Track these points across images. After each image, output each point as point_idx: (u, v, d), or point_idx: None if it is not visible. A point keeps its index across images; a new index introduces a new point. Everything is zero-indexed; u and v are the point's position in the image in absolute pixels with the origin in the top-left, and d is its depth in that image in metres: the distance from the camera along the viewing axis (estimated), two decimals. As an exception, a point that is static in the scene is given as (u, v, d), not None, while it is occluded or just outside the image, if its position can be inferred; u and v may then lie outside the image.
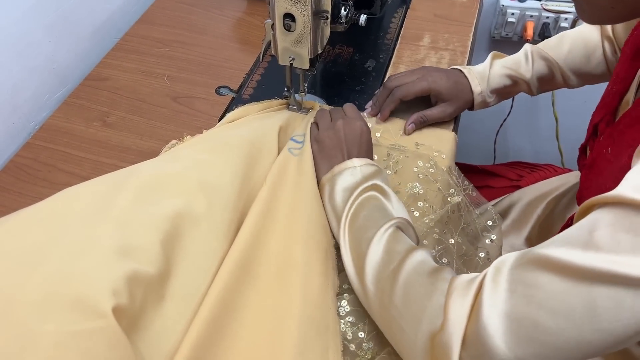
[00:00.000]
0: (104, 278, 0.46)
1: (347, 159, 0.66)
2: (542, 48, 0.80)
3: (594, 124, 0.64)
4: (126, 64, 0.93)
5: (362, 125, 0.70)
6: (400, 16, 1.00)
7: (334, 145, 0.68)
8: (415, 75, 0.78)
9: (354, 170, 0.65)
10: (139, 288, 0.49)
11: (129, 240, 0.51)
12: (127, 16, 1.03)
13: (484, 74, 0.79)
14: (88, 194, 0.56)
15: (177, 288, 0.53)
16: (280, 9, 0.66)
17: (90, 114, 0.85)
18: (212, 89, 0.88)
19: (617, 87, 0.61)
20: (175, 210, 0.55)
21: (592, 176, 0.58)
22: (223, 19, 1.02)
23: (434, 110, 0.78)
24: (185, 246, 0.55)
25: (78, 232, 0.51)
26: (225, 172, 0.63)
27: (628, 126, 0.53)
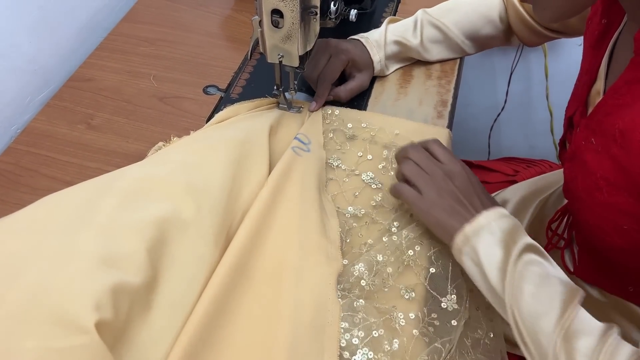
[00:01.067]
0: (87, 291, 0.44)
1: (475, 213, 0.58)
2: (434, 14, 0.82)
3: (568, 116, 0.64)
4: (111, 64, 0.90)
5: (463, 169, 0.62)
6: (391, 11, 0.98)
7: (450, 200, 0.60)
8: (327, 53, 0.76)
9: (490, 228, 0.57)
10: (124, 299, 0.47)
11: (113, 248, 0.48)
12: (111, 14, 1.00)
13: (380, 42, 0.80)
14: (71, 200, 0.54)
15: (164, 297, 0.51)
16: (268, 5, 0.64)
17: (74, 116, 0.82)
18: (200, 89, 0.86)
19: (584, 78, 0.61)
20: (161, 216, 0.53)
21: (576, 167, 0.58)
22: (210, 16, 1.00)
23: (352, 84, 0.78)
24: (172, 253, 0.53)
25: (60, 240, 0.49)
26: (214, 175, 0.61)
27: (606, 115, 0.53)
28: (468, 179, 0.61)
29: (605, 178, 0.52)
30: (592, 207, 0.55)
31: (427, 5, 0.85)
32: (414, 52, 0.83)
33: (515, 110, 1.51)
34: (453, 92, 0.82)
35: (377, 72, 0.82)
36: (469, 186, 0.61)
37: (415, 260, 0.62)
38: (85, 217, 0.51)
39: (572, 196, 0.60)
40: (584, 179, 0.56)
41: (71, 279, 0.45)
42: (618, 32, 0.59)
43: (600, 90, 0.58)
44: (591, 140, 0.55)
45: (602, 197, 0.53)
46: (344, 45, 0.77)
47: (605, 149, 0.52)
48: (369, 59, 0.80)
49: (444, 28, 0.82)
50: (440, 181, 0.61)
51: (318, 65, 0.76)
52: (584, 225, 0.59)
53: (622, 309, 0.68)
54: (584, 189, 0.56)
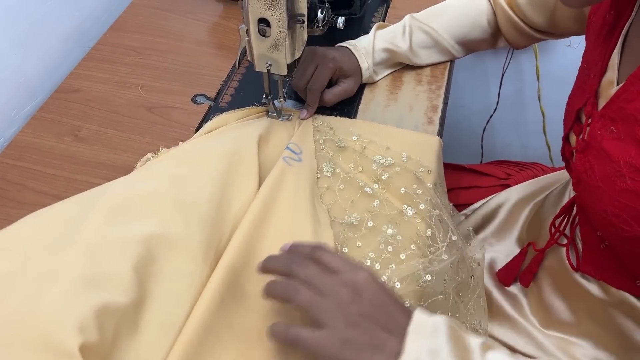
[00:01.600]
0: (70, 313, 0.43)
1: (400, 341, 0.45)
2: (422, 18, 0.82)
3: (576, 110, 0.64)
4: (98, 75, 0.89)
5: (369, 275, 0.48)
6: (380, 15, 0.98)
7: (364, 329, 0.45)
8: (314, 62, 0.76)
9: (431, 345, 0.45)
10: (110, 320, 0.46)
11: (99, 268, 0.47)
12: (98, 24, 0.99)
13: (368, 49, 0.80)
14: (56, 217, 0.53)
15: (152, 316, 0.50)
16: (254, 13, 0.63)
17: (61, 128, 0.81)
18: (189, 98, 0.85)
19: (594, 70, 0.61)
20: (148, 232, 0.52)
21: (591, 158, 0.58)
22: (198, 24, 0.99)
23: (338, 89, 0.78)
24: (160, 270, 0.52)
25: (44, 261, 0.48)
26: (202, 188, 0.60)
27: (628, 101, 0.53)
28: (378, 287, 0.48)
29: (629, 164, 0.52)
30: (611, 196, 0.55)
31: (417, 9, 0.84)
32: (403, 57, 0.82)
33: (507, 111, 1.51)
34: (443, 97, 0.82)
35: (365, 79, 0.81)
36: (383, 297, 0.47)
37: None
38: (71, 236, 0.50)
39: (586, 187, 0.60)
40: (602, 168, 0.56)
41: (55, 301, 0.44)
42: (629, 23, 0.59)
43: (614, 80, 0.58)
44: (610, 128, 0.56)
45: (624, 184, 0.53)
46: (331, 54, 0.77)
47: (629, 134, 0.53)
48: (357, 66, 0.79)
49: (432, 33, 0.81)
50: (346, 303, 0.46)
51: (305, 74, 0.75)
52: (599, 216, 0.59)
53: (626, 309, 0.67)
54: (603, 177, 0.56)
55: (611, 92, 0.58)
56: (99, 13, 1.00)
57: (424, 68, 0.86)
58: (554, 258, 0.76)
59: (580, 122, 0.64)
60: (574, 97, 0.67)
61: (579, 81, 0.67)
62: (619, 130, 0.55)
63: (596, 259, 0.67)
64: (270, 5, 0.62)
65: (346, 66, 0.78)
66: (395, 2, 1.01)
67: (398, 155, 0.72)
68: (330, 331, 0.45)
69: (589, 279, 0.70)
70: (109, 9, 1.02)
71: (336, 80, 0.79)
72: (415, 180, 0.70)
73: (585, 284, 0.70)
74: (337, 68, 0.77)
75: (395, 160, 0.72)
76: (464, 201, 0.98)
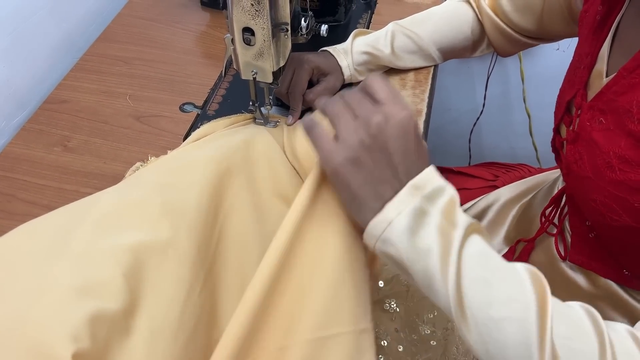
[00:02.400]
0: (63, 322, 0.44)
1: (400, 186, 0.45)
2: (406, 24, 0.84)
3: (566, 101, 0.66)
4: (86, 85, 0.90)
5: (407, 114, 0.46)
6: (365, 22, 0.99)
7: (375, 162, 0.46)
8: (292, 67, 0.78)
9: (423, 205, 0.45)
10: (102, 327, 0.46)
11: (89, 276, 0.48)
12: (86, 35, 1.00)
13: (346, 49, 0.82)
14: (46, 228, 0.54)
15: (143, 322, 0.50)
16: (239, 23, 0.64)
17: (50, 139, 0.82)
18: (176, 106, 0.86)
19: (585, 61, 0.63)
20: (137, 240, 0.53)
21: (581, 148, 0.60)
22: (185, 33, 1.00)
23: (318, 87, 0.79)
24: (150, 276, 0.53)
25: (34, 271, 0.48)
26: (190, 195, 0.60)
27: (619, 94, 0.54)
28: (410, 130, 0.46)
29: (618, 155, 0.53)
30: (600, 186, 0.56)
31: (401, 16, 0.86)
32: (386, 60, 0.84)
33: (494, 113, 1.53)
34: (427, 101, 0.83)
35: (347, 77, 0.82)
36: (409, 140, 0.46)
37: None
38: (60, 246, 0.50)
39: (576, 177, 0.61)
40: (591, 159, 0.57)
41: (47, 310, 0.44)
42: (620, 15, 0.61)
43: (603, 72, 0.60)
44: (600, 119, 0.57)
45: (613, 175, 0.54)
46: (306, 56, 0.78)
47: (619, 126, 0.54)
48: (336, 64, 0.81)
49: (415, 38, 0.83)
50: (371, 129, 0.45)
51: (285, 80, 0.77)
52: (588, 206, 0.60)
53: (614, 301, 0.68)
54: (592, 168, 0.57)
55: (601, 84, 0.59)
56: (86, 24, 1.01)
57: (407, 73, 0.87)
58: (542, 252, 0.78)
59: (570, 114, 0.65)
60: (564, 89, 0.68)
61: (570, 74, 0.68)
62: (608, 122, 0.56)
63: (585, 249, 0.69)
64: (254, 15, 0.63)
65: (324, 65, 0.79)
66: (380, 9, 1.02)
67: None
68: (341, 145, 0.45)
69: (577, 272, 0.72)
70: (97, 20, 1.03)
71: (317, 81, 0.81)
72: None
73: (573, 277, 0.72)
74: (314, 68, 0.78)
75: None
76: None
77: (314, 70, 0.79)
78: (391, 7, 1.03)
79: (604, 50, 0.61)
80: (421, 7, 1.00)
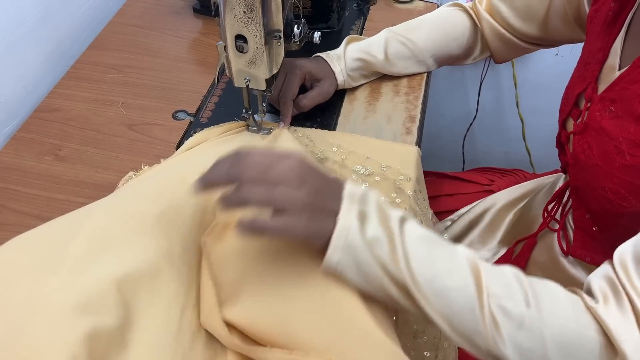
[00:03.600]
0: (61, 342, 0.43)
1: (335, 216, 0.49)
2: (399, 31, 0.84)
3: (576, 94, 0.67)
4: (78, 93, 0.89)
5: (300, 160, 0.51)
6: (358, 28, 0.99)
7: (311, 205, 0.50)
8: (284, 73, 0.78)
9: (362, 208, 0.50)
10: (100, 344, 0.45)
11: (84, 292, 0.47)
12: (77, 43, 1.00)
13: (339, 55, 0.82)
14: (38, 242, 0.52)
15: (139, 335, 0.49)
16: (231, 30, 0.64)
17: (42, 148, 0.81)
18: (169, 114, 0.85)
19: (596, 57, 0.65)
20: (131, 254, 0.52)
21: (589, 138, 0.62)
22: (177, 40, 1.00)
23: (312, 92, 0.79)
24: (145, 290, 0.52)
25: (27, 287, 0.47)
26: (184, 206, 0.60)
27: (631, 83, 0.57)
28: (312, 167, 0.51)
29: (629, 140, 0.56)
30: (609, 173, 0.58)
31: (394, 22, 0.86)
32: (379, 67, 0.84)
33: (487, 118, 1.53)
34: (421, 108, 0.83)
35: (340, 83, 0.82)
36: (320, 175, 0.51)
37: None
38: (54, 261, 0.49)
39: (584, 167, 0.63)
40: (600, 146, 0.59)
41: (42, 329, 0.43)
42: (633, 11, 0.62)
43: (615, 65, 0.62)
44: (610, 108, 0.59)
45: (623, 160, 0.56)
46: (298, 61, 0.79)
47: (628, 112, 0.56)
48: (329, 70, 0.81)
49: (409, 44, 0.83)
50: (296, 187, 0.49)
51: (277, 86, 0.77)
52: (596, 194, 0.61)
53: None
54: (601, 155, 0.59)
55: (613, 77, 0.61)
56: (78, 32, 1.01)
57: (401, 79, 0.87)
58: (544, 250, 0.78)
59: (578, 107, 0.67)
60: (573, 84, 0.70)
61: (579, 70, 0.70)
62: (617, 109, 0.58)
63: (588, 242, 0.69)
64: (246, 22, 0.63)
65: (316, 70, 0.79)
66: (373, 15, 1.03)
67: (377, 165, 0.73)
68: (293, 213, 0.48)
69: (579, 268, 0.72)
70: (88, 28, 1.03)
71: (310, 86, 0.81)
72: (395, 189, 0.71)
73: (575, 273, 0.72)
74: (306, 73, 0.78)
75: (375, 170, 0.73)
76: (447, 208, 1.00)
77: (306, 75, 0.78)
78: (384, 13, 1.03)
79: (616, 45, 0.62)
80: (414, 14, 1.01)
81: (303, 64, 0.78)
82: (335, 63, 0.81)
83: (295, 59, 0.79)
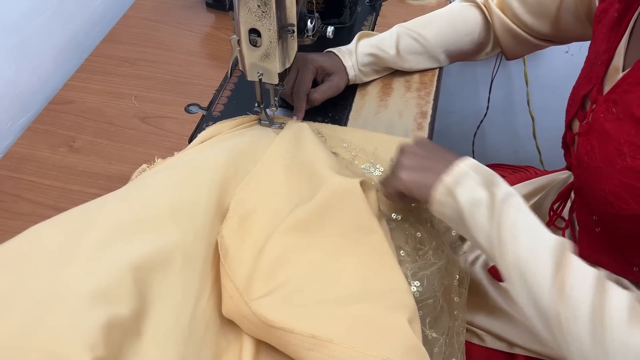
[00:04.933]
0: (79, 331, 0.43)
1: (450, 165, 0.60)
2: (411, 26, 0.84)
3: (582, 95, 0.67)
4: (91, 86, 0.90)
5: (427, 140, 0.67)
6: (370, 24, 0.99)
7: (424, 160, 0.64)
8: (296, 67, 0.78)
9: (469, 175, 0.58)
10: (116, 333, 0.46)
11: (100, 282, 0.47)
12: (91, 36, 1.00)
13: (351, 50, 0.83)
14: (55, 232, 0.53)
15: (153, 325, 0.50)
16: (245, 24, 0.65)
17: (56, 139, 0.82)
18: (182, 107, 0.86)
19: (602, 58, 0.64)
20: (146, 244, 0.52)
21: (593, 139, 0.61)
22: (190, 34, 1.00)
23: (323, 86, 0.80)
24: (159, 280, 0.52)
25: (45, 276, 0.48)
26: (198, 199, 0.60)
27: (632, 85, 0.57)
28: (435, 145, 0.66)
29: (630, 142, 0.55)
30: (611, 175, 0.57)
31: (406, 18, 0.86)
32: (391, 62, 0.84)
33: (497, 116, 1.53)
34: (432, 104, 0.83)
35: (352, 78, 0.83)
36: (435, 147, 0.65)
37: None
38: (70, 251, 0.50)
39: (586, 168, 0.62)
40: (602, 148, 0.59)
41: (60, 318, 0.44)
42: (637, 13, 0.62)
43: (619, 67, 0.61)
44: (612, 110, 0.59)
45: (624, 162, 0.56)
46: (310, 56, 0.79)
47: (627, 114, 0.56)
48: (340, 64, 0.81)
49: (421, 40, 0.83)
50: (412, 147, 0.65)
51: (290, 80, 0.77)
52: (598, 196, 0.61)
53: None
54: (603, 157, 0.59)
55: (617, 78, 0.60)
56: (91, 25, 1.01)
57: (413, 75, 0.87)
58: None
59: (584, 108, 0.66)
60: (579, 84, 0.69)
61: (585, 70, 0.69)
62: (618, 111, 0.58)
63: (592, 242, 0.69)
64: (260, 16, 0.63)
65: (327, 64, 0.80)
66: (384, 11, 1.03)
67: (387, 162, 0.73)
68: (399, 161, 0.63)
69: None
70: (102, 21, 1.03)
71: (321, 81, 0.81)
72: None
73: None
74: (318, 67, 0.79)
75: (384, 168, 0.73)
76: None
77: (318, 70, 0.79)
78: (396, 9, 1.03)
79: (621, 46, 0.62)
80: (426, 10, 1.00)
81: (315, 58, 0.79)
82: (347, 58, 0.82)
83: (306, 53, 0.79)
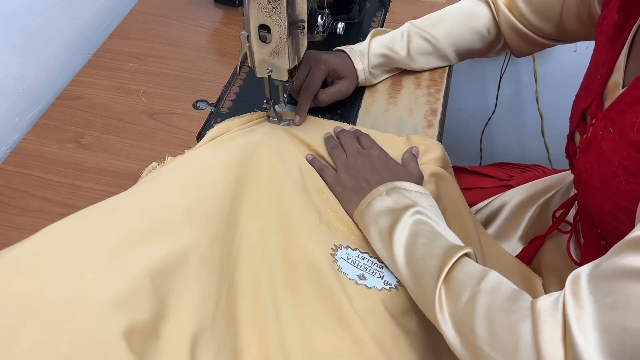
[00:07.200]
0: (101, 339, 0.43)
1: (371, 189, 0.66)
2: (421, 25, 0.83)
3: (582, 109, 0.65)
4: (100, 81, 0.90)
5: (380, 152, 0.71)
6: (379, 20, 0.99)
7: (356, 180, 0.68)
8: (307, 66, 0.77)
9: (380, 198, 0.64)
10: (137, 340, 0.45)
11: (120, 288, 0.47)
12: (99, 31, 1.00)
13: (363, 51, 0.82)
14: (70, 234, 0.52)
15: (171, 328, 0.49)
16: (255, 20, 0.64)
17: (64, 135, 0.82)
18: (190, 104, 0.85)
19: (601, 71, 0.62)
20: (163, 248, 0.52)
21: (592, 157, 0.59)
22: (198, 30, 1.00)
23: (332, 89, 0.79)
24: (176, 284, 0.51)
25: (64, 282, 0.47)
26: (213, 199, 0.59)
27: (630, 105, 0.54)
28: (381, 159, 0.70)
29: (623, 166, 0.53)
30: (607, 195, 0.56)
31: (415, 14, 0.85)
32: (401, 63, 0.83)
33: (505, 113, 1.51)
34: (443, 101, 0.83)
35: (361, 80, 0.82)
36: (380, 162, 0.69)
37: None
38: (88, 256, 0.49)
39: (586, 186, 0.61)
40: (600, 168, 0.57)
41: (81, 327, 0.43)
42: (637, 26, 0.59)
43: (619, 82, 0.59)
44: (609, 129, 0.56)
45: (619, 185, 0.54)
46: (323, 56, 0.78)
47: (623, 136, 0.54)
48: (352, 67, 0.81)
49: (432, 40, 0.82)
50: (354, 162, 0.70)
51: (299, 78, 0.77)
52: (597, 214, 0.60)
53: None
54: (601, 177, 0.57)
55: (616, 94, 0.58)
56: (99, 20, 1.01)
57: (422, 72, 0.86)
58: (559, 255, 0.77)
59: (585, 122, 0.65)
60: (580, 96, 0.68)
61: (586, 81, 0.67)
62: (615, 131, 0.55)
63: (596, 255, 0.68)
64: (270, 12, 0.62)
65: (339, 67, 0.79)
66: (394, 7, 1.02)
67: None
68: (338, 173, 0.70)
69: None
70: (110, 16, 1.03)
71: (331, 82, 0.80)
72: None
73: None
74: (330, 69, 0.78)
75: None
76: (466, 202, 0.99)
77: (330, 71, 0.78)
78: (405, 5, 1.02)
79: (620, 61, 0.60)
80: (435, 6, 1.00)
81: (329, 60, 0.78)
82: (359, 60, 0.81)
83: (320, 52, 0.79)
